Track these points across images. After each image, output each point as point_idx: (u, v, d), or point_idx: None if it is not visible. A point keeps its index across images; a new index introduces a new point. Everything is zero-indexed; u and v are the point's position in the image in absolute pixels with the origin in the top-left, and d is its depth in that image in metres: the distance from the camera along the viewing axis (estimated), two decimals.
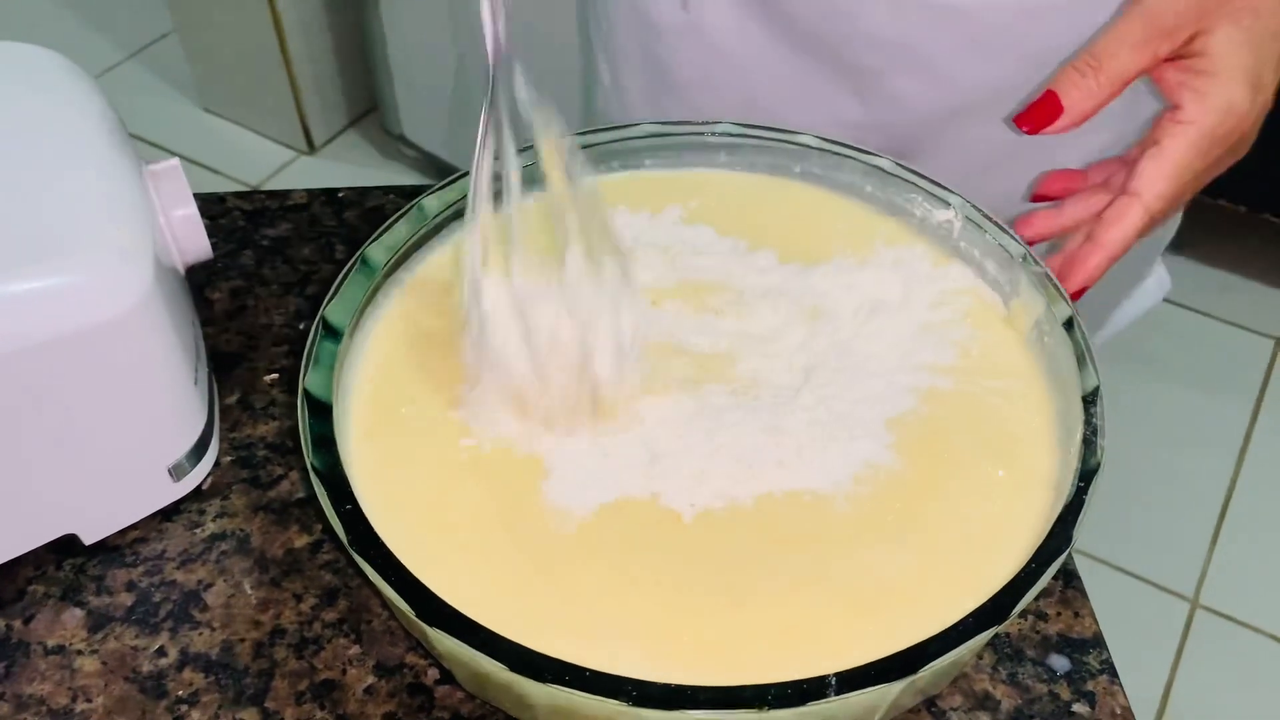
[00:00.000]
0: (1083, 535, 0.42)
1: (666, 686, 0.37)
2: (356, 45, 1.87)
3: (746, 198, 0.59)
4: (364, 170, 1.93)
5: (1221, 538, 1.48)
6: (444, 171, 1.86)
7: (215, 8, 1.81)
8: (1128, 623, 0.52)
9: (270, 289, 0.65)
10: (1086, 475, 0.44)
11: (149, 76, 2.06)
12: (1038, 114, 0.52)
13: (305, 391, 0.46)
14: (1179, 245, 1.80)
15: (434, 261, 0.55)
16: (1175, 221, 0.77)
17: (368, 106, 2.00)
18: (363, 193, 0.71)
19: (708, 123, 0.59)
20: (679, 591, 0.43)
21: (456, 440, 0.48)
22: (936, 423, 0.49)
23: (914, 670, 0.38)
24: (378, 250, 0.52)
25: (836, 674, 0.38)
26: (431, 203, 0.54)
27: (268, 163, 1.95)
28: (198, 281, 0.65)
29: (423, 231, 0.54)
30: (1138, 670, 0.49)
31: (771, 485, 0.46)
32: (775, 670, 0.38)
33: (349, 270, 0.51)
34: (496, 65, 0.43)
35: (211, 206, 0.69)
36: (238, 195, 0.71)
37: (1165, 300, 1.75)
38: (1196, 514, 1.51)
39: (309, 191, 0.71)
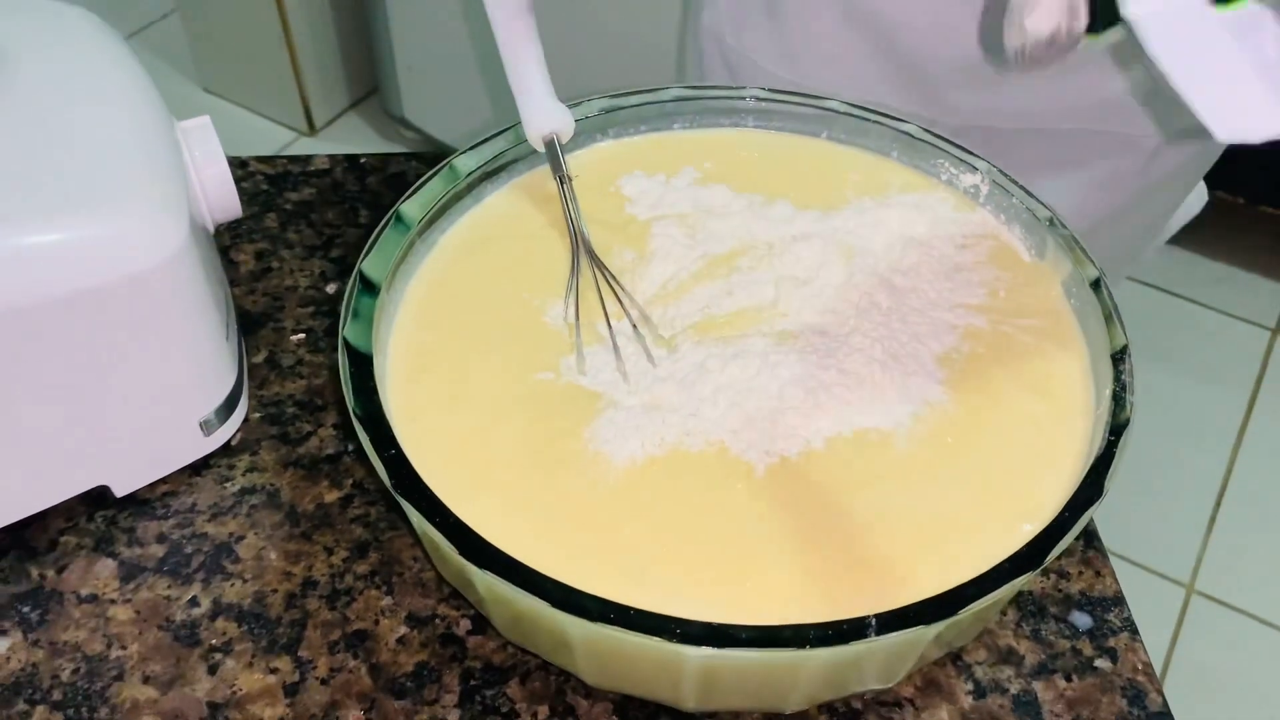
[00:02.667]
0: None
1: (708, 625, 0.38)
2: (359, 27, 1.87)
3: (763, 156, 0.59)
4: (364, 152, 1.93)
5: (1217, 525, 1.50)
6: (445, 154, 1.86)
7: None
8: None
9: (295, 251, 0.65)
10: (1117, 429, 0.44)
11: (150, 56, 2.05)
12: None
13: (345, 341, 0.46)
14: (1176, 237, 1.81)
15: (465, 220, 0.55)
16: (1218, 148, 0.78)
17: (369, 88, 2.00)
18: (385, 159, 0.71)
19: (736, 88, 0.59)
20: (742, 539, 0.44)
21: (497, 388, 0.48)
22: (978, 359, 0.50)
23: (951, 613, 0.39)
24: (412, 207, 0.52)
25: (875, 615, 0.38)
26: (463, 162, 0.55)
27: (268, 143, 1.95)
28: (223, 244, 0.65)
29: (454, 190, 0.54)
30: None
31: (841, 425, 0.47)
32: (845, 607, 0.39)
33: (384, 226, 0.51)
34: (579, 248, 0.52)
35: (234, 170, 0.69)
36: (260, 159, 0.71)
37: (1163, 290, 1.77)
38: (1193, 502, 1.52)
39: (331, 157, 0.72)
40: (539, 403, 0.48)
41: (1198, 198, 0.87)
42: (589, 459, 0.46)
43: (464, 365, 0.49)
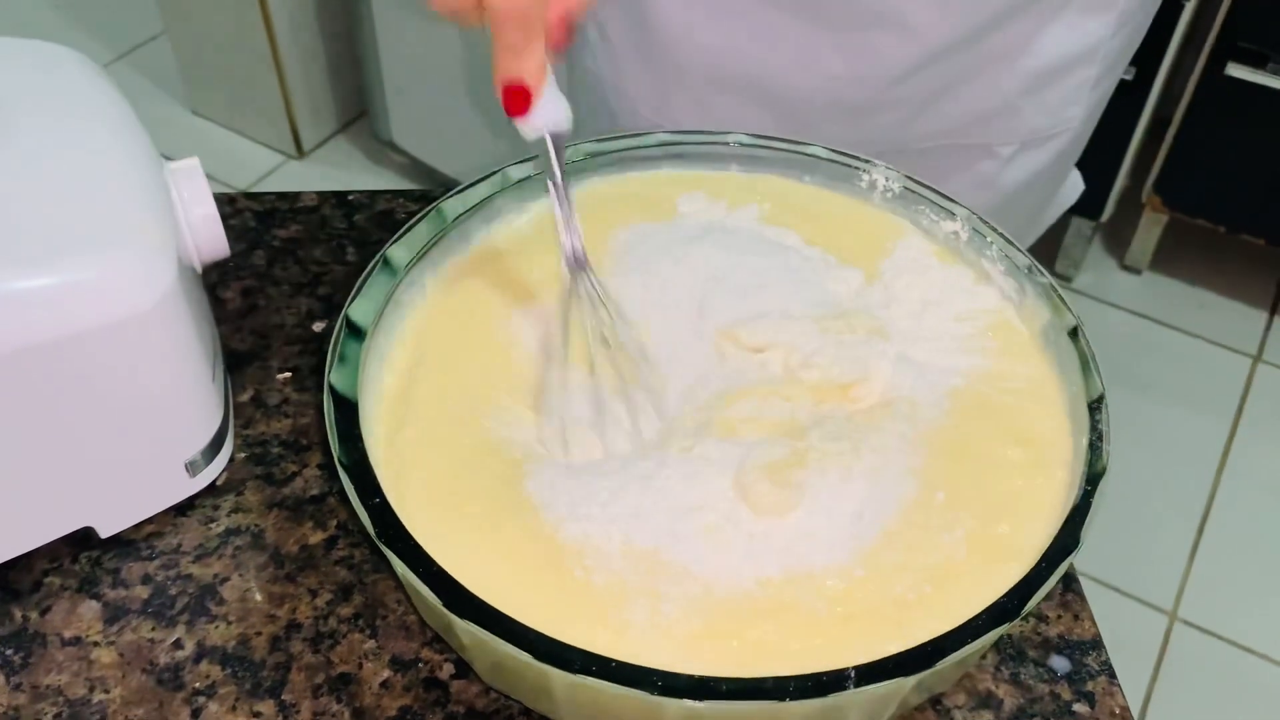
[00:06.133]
0: None
1: (690, 678, 0.38)
2: (347, 50, 1.88)
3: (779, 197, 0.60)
4: (353, 176, 1.93)
5: (1200, 552, 1.50)
6: (432, 178, 1.87)
7: (206, 10, 1.82)
8: (1107, 636, 0.54)
9: (282, 289, 0.66)
10: (1093, 479, 0.45)
11: (138, 78, 2.05)
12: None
13: (331, 387, 0.46)
14: (1159, 264, 1.81)
15: (452, 263, 0.56)
16: (1086, 134, 0.83)
17: (358, 112, 2.00)
18: (373, 196, 0.72)
19: (721, 133, 0.60)
20: (725, 591, 0.44)
21: (478, 440, 0.49)
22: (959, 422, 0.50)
23: (930, 665, 0.39)
24: (400, 250, 0.53)
25: (855, 667, 0.39)
26: (451, 205, 0.55)
27: (256, 167, 1.95)
28: (210, 281, 0.66)
29: (442, 233, 0.55)
30: None
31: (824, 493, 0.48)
32: (829, 658, 0.40)
33: (371, 270, 0.52)
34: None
35: (222, 207, 0.70)
36: (248, 196, 0.71)
37: (1145, 318, 1.78)
38: (1176, 529, 1.53)
39: (319, 194, 0.72)
40: (515, 452, 0.48)
41: (1072, 186, 0.90)
42: (557, 520, 0.46)
43: (446, 410, 0.49)
